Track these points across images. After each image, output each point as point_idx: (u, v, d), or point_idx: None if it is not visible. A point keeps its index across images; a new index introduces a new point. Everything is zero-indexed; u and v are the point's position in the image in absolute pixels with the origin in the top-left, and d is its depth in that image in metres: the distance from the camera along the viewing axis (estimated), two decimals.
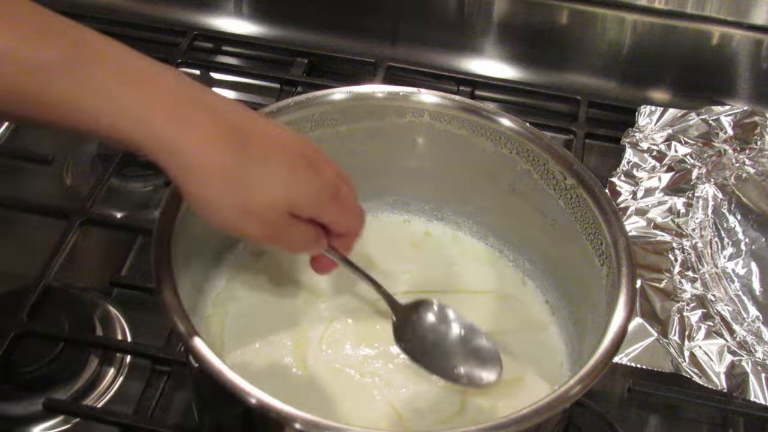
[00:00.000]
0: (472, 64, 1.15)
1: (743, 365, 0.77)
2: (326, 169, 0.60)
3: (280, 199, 0.57)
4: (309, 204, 0.58)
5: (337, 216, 0.61)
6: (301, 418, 0.52)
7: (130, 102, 0.53)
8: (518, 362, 0.69)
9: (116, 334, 0.82)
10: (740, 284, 0.84)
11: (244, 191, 0.56)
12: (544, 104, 1.10)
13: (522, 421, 0.53)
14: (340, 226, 0.62)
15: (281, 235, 0.58)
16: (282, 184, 0.57)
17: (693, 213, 0.90)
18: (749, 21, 1.08)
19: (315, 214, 0.59)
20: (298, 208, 0.58)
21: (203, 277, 0.71)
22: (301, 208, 0.58)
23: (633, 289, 0.61)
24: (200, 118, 0.55)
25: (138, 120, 0.53)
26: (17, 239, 0.94)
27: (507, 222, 0.77)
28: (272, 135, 0.58)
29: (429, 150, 0.76)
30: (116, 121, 0.53)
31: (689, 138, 0.99)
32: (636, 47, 1.12)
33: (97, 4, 1.17)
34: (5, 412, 0.76)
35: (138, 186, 0.97)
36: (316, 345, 0.70)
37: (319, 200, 0.59)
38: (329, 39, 1.16)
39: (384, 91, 0.74)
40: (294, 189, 0.57)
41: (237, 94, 1.11)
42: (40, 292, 0.81)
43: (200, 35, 1.13)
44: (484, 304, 0.75)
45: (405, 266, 0.77)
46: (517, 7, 1.13)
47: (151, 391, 0.76)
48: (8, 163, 0.98)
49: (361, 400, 0.66)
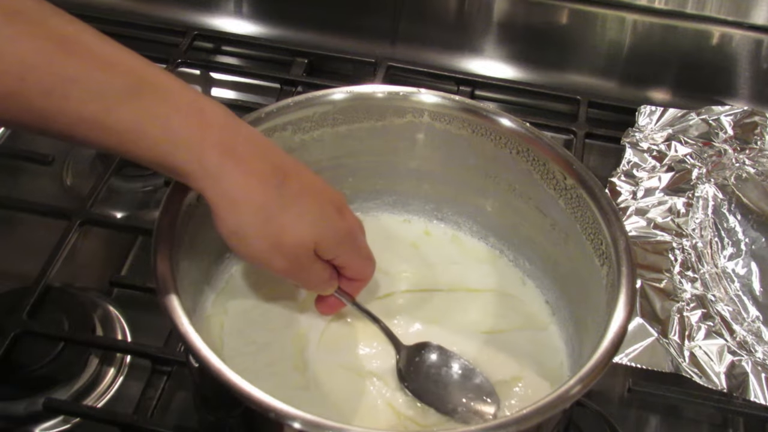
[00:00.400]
0: (472, 64, 1.15)
1: (743, 365, 0.77)
2: (350, 217, 0.65)
3: (308, 238, 0.61)
4: (332, 245, 0.63)
5: (353, 260, 0.66)
6: (301, 418, 0.52)
7: (187, 133, 0.57)
8: (518, 362, 0.69)
9: (116, 334, 0.82)
10: (740, 284, 0.84)
11: (277, 227, 0.60)
12: (544, 104, 1.10)
13: (522, 421, 0.53)
14: (353, 271, 0.67)
15: (302, 272, 0.63)
16: (312, 224, 0.61)
17: (693, 213, 0.90)
18: (749, 21, 1.08)
19: (334, 255, 0.64)
20: (322, 247, 0.62)
21: (203, 277, 0.71)
22: (324, 248, 0.62)
23: (633, 289, 0.61)
24: (247, 153, 0.59)
25: (192, 150, 0.57)
26: (17, 239, 0.94)
27: (507, 222, 0.77)
28: (308, 178, 0.63)
29: (429, 150, 0.76)
30: (173, 149, 0.57)
31: (689, 138, 0.99)
32: (636, 47, 1.12)
33: (97, 4, 1.17)
34: (5, 412, 0.76)
35: (138, 186, 0.97)
36: (316, 345, 0.70)
37: (342, 243, 0.64)
38: (329, 39, 1.16)
39: (384, 91, 0.74)
40: (322, 230, 0.62)
41: (237, 94, 1.11)
42: (40, 292, 0.81)
43: (200, 35, 1.13)
44: (484, 303, 0.75)
45: (405, 266, 0.77)
46: (517, 7, 1.13)
47: (151, 391, 0.75)
48: (8, 163, 0.98)
49: (360, 400, 0.66)
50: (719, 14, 1.08)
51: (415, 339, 0.70)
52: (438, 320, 0.72)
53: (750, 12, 1.07)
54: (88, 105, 0.54)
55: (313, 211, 0.62)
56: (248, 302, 0.72)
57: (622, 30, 1.12)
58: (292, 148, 0.72)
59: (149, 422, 0.73)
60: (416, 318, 0.72)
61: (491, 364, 0.69)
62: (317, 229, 0.61)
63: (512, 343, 0.71)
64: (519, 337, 0.72)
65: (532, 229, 0.74)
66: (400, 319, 0.72)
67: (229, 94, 1.12)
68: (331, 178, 0.77)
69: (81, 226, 0.87)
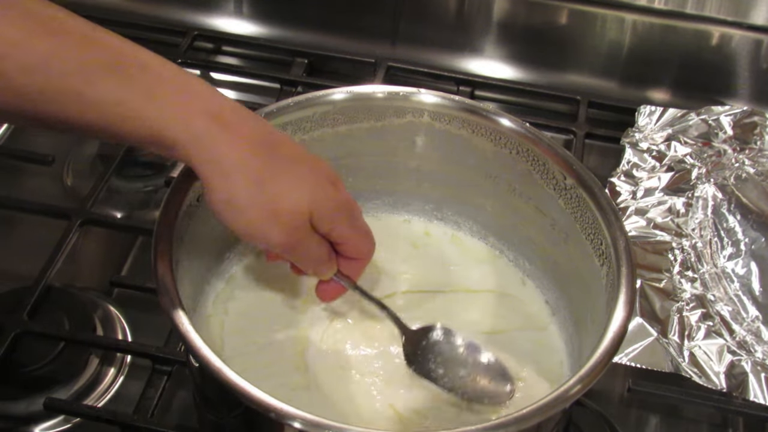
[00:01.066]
0: (472, 64, 1.15)
1: (743, 365, 0.77)
2: (345, 192, 0.63)
3: (304, 205, 0.59)
4: (328, 215, 0.61)
5: (350, 235, 0.63)
6: (301, 418, 0.52)
7: (174, 103, 0.56)
8: (518, 362, 0.69)
9: (116, 334, 0.82)
10: (740, 284, 0.84)
11: (272, 194, 0.58)
12: (544, 104, 1.10)
13: (522, 421, 0.53)
14: (351, 247, 0.64)
15: (299, 245, 0.60)
16: (307, 192, 0.59)
17: (693, 213, 0.90)
18: (749, 21, 1.08)
19: (331, 227, 0.61)
20: (319, 217, 0.60)
21: (203, 277, 0.71)
22: (321, 217, 0.60)
23: (633, 288, 0.61)
24: (235, 120, 0.58)
25: (178, 117, 0.56)
26: (17, 239, 0.94)
27: (507, 222, 0.77)
28: (300, 148, 0.62)
29: (429, 150, 0.76)
30: (158, 117, 0.55)
31: (689, 138, 0.99)
32: (636, 47, 1.12)
33: (97, 4, 1.17)
34: (6, 412, 0.76)
35: (138, 186, 0.97)
36: (316, 345, 0.70)
37: (338, 214, 0.61)
38: (329, 39, 1.16)
39: (384, 91, 0.74)
40: (317, 198, 0.60)
41: (237, 94, 1.11)
42: (40, 292, 0.81)
43: (200, 35, 1.13)
44: (483, 303, 0.75)
45: (405, 266, 0.77)
46: (517, 7, 1.13)
47: (151, 391, 0.76)
48: (8, 163, 0.99)
49: (361, 400, 0.66)
50: (719, 14, 1.08)
51: None
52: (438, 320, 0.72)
53: (749, 12, 1.07)
54: (69, 79, 0.54)
55: (308, 179, 0.60)
56: (249, 302, 0.72)
57: (622, 30, 1.12)
58: None
59: (149, 422, 0.74)
60: (416, 318, 0.72)
61: None
62: (313, 196, 0.59)
63: (512, 343, 0.71)
64: (519, 337, 0.72)
65: (532, 229, 0.74)
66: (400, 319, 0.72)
67: (229, 94, 1.10)
68: None
69: (81, 226, 0.87)
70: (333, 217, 0.61)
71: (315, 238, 0.61)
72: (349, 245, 0.64)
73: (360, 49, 1.14)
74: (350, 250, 0.65)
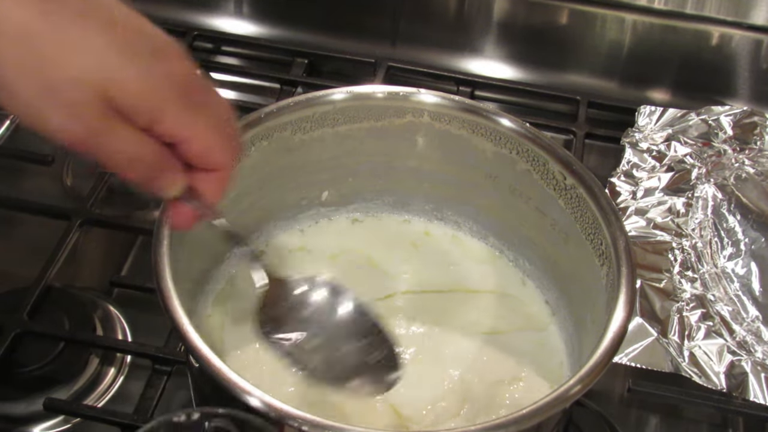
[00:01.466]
0: (472, 64, 1.15)
1: (743, 365, 0.77)
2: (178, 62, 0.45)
3: (91, 75, 0.43)
4: (137, 95, 0.44)
5: (187, 126, 0.45)
6: (301, 418, 0.52)
7: None
8: (518, 362, 0.69)
9: (116, 334, 0.82)
10: (740, 284, 0.84)
11: (44, 59, 0.43)
12: (544, 104, 1.10)
13: (522, 421, 0.53)
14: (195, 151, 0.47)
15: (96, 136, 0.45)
16: (98, 55, 0.43)
17: (693, 213, 0.90)
18: (749, 21, 1.08)
19: (152, 115, 0.45)
20: (121, 98, 0.43)
21: (203, 277, 0.71)
22: (125, 99, 0.43)
23: (633, 289, 0.61)
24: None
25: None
26: (17, 239, 0.94)
27: (507, 222, 0.77)
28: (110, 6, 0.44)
29: (429, 150, 0.76)
30: None
31: (689, 138, 0.99)
32: (636, 47, 1.12)
33: None
34: (5, 412, 0.76)
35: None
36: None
37: (156, 94, 0.44)
38: (329, 39, 1.16)
39: (384, 91, 0.74)
40: (116, 68, 0.43)
41: (237, 95, 1.11)
42: (40, 292, 0.81)
43: (200, 35, 1.13)
44: (483, 303, 0.75)
45: (405, 266, 0.77)
46: (517, 7, 1.13)
47: (151, 391, 0.75)
48: (8, 163, 0.98)
49: (361, 400, 0.66)
50: (719, 14, 1.08)
51: (415, 340, 0.70)
52: (438, 321, 0.72)
53: (749, 12, 1.07)
54: None
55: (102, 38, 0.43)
56: (248, 302, 0.72)
57: (622, 30, 1.12)
58: (292, 148, 0.72)
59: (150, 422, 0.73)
60: (416, 319, 0.72)
61: (491, 364, 0.70)
62: (106, 65, 0.43)
63: (512, 343, 0.71)
64: (519, 337, 0.72)
65: (532, 229, 0.74)
66: (401, 320, 0.72)
67: (229, 94, 1.12)
68: (331, 178, 0.77)
69: (81, 226, 0.87)
70: (147, 97, 0.44)
71: (122, 129, 0.45)
72: (192, 147, 0.46)
73: (360, 49, 1.14)
74: (195, 155, 0.47)
